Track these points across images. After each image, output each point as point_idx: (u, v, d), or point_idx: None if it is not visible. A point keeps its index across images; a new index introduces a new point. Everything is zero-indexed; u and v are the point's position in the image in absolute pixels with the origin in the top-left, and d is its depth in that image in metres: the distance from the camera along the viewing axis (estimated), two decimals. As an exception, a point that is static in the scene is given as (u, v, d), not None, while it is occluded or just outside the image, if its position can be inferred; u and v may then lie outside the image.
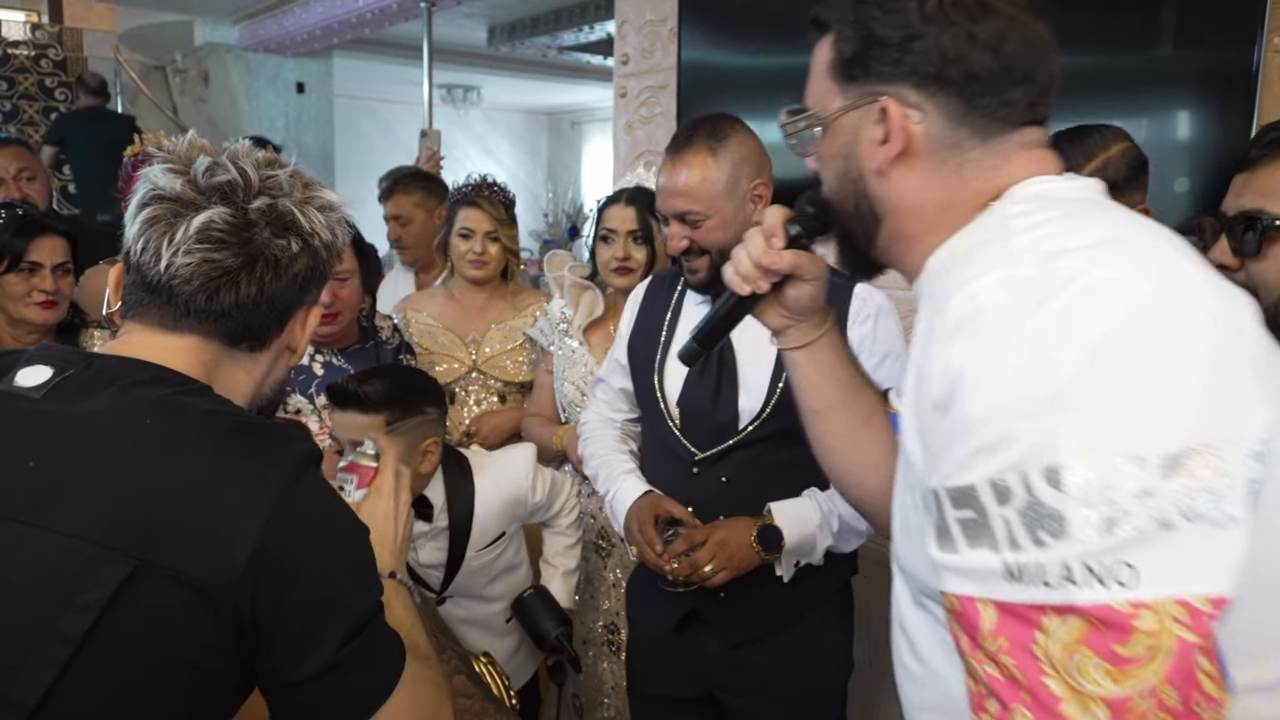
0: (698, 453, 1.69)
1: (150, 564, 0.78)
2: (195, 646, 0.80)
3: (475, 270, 2.50)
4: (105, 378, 0.86)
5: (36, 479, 0.80)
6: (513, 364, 2.52)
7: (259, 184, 0.93)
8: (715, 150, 1.61)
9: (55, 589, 0.76)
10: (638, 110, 3.17)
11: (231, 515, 0.81)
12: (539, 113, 11.84)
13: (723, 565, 1.57)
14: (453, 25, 6.78)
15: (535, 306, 2.59)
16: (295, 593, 0.83)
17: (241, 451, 0.84)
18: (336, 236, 0.99)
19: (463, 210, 2.49)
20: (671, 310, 1.79)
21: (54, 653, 0.75)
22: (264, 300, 0.93)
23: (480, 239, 2.48)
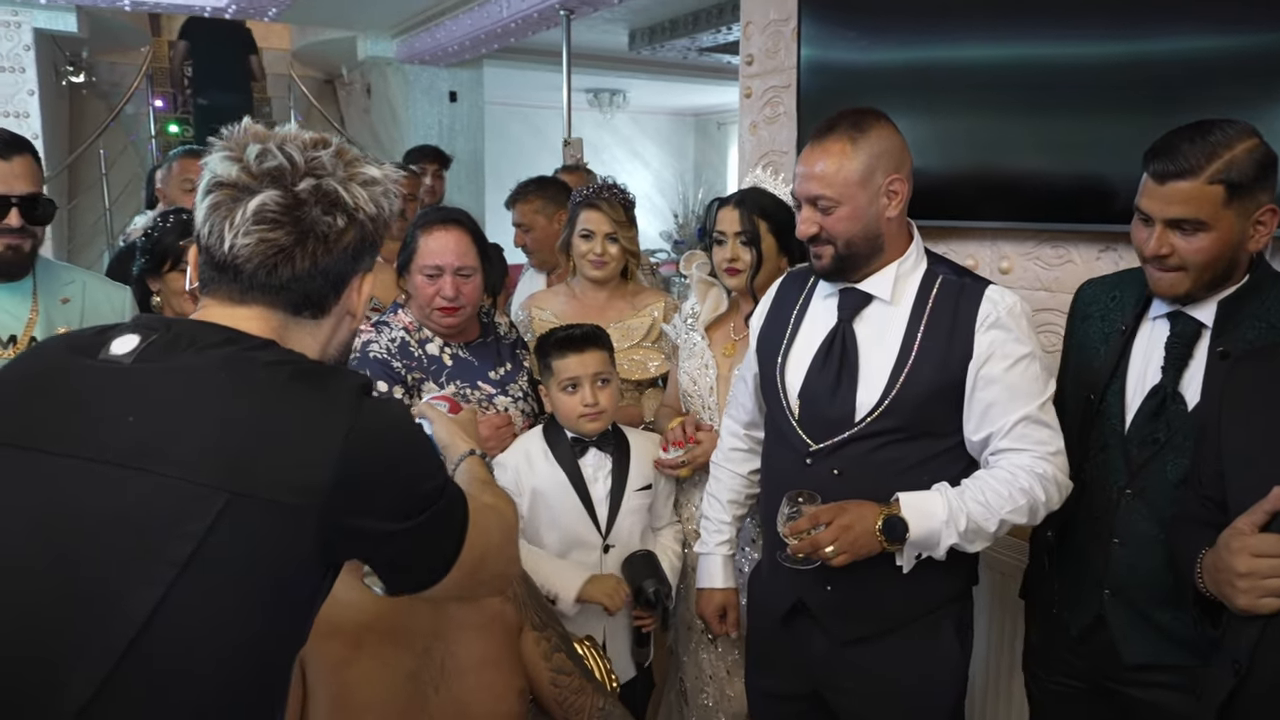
0: (812, 444, 1.72)
1: (242, 494, 0.91)
2: (288, 560, 0.95)
3: (595, 270, 2.60)
4: (184, 341, 1.00)
5: (135, 431, 0.94)
6: (630, 362, 2.60)
7: (305, 166, 1.03)
8: (855, 140, 1.65)
9: (162, 520, 0.90)
10: (762, 110, 3.18)
11: (308, 444, 0.95)
12: (685, 114, 11.92)
13: (844, 549, 1.59)
14: (595, 30, 6.94)
15: (654, 306, 2.67)
16: (377, 498, 0.98)
17: (306, 391, 0.98)
18: (382, 208, 1.09)
19: (584, 212, 2.59)
20: (800, 304, 1.84)
21: (162, 573, 0.89)
22: (319, 272, 1.04)
23: (600, 240, 2.58)
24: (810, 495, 1.64)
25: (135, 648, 0.89)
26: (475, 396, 2.20)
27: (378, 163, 1.11)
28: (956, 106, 2.34)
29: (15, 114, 6.31)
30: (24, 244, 1.84)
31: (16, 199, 1.81)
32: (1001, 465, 1.66)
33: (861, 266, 1.72)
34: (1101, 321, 1.77)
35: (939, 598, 1.75)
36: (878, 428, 1.68)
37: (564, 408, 2.05)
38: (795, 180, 1.73)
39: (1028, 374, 1.65)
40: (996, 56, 2.25)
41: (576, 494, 2.07)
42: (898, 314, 1.72)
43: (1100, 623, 1.70)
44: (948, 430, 1.70)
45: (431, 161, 4.23)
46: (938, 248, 2.41)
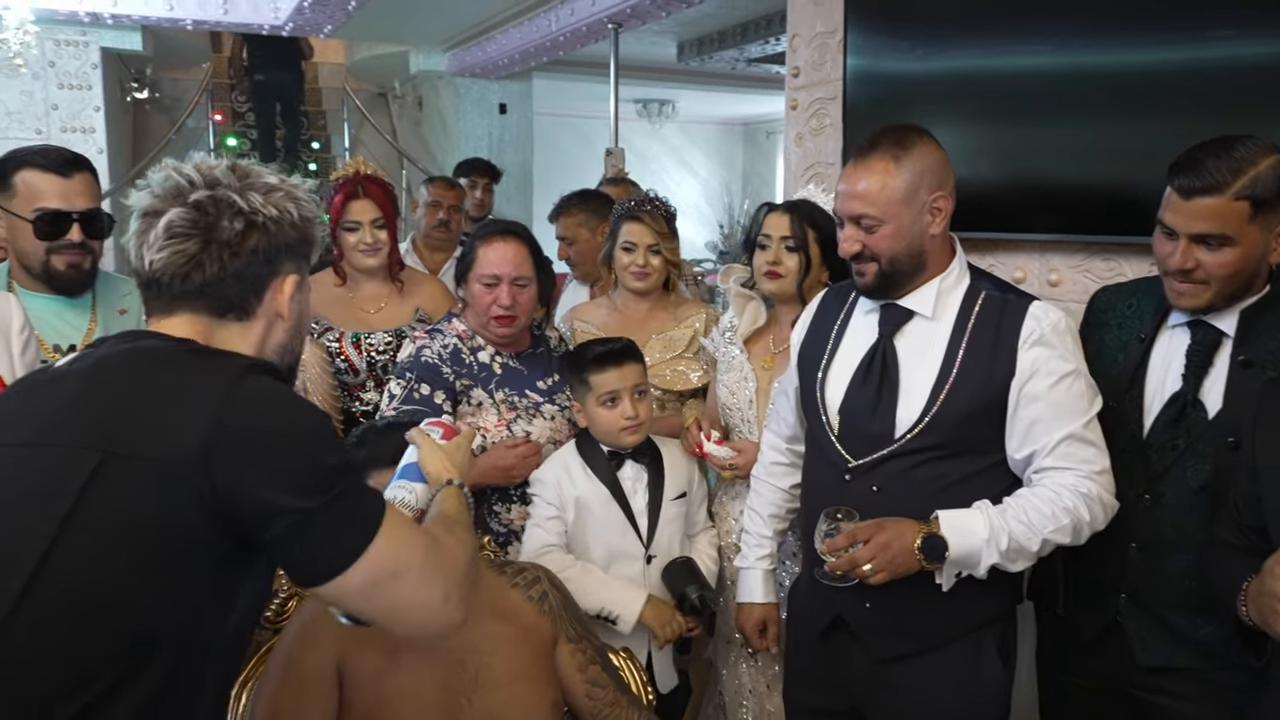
0: (851, 460, 1.71)
1: (116, 454, 0.99)
2: (169, 519, 0.99)
3: (638, 282, 2.61)
4: (111, 341, 1.12)
5: (47, 415, 1.05)
6: (672, 373, 2.60)
7: (201, 181, 1.13)
8: (899, 158, 1.64)
9: (49, 483, 0.99)
10: (808, 122, 3.17)
11: (185, 410, 1.01)
12: (734, 124, 11.91)
13: (882, 567, 1.57)
14: (643, 42, 6.97)
15: (695, 318, 2.66)
16: (250, 469, 1.01)
17: (194, 367, 1.07)
18: (286, 212, 1.17)
19: (625, 225, 2.60)
20: (840, 320, 1.84)
21: (45, 528, 0.97)
22: (230, 276, 1.13)
23: (643, 251, 2.59)
24: (849, 512, 1.63)
25: (27, 595, 0.95)
26: (523, 404, 2.23)
27: (279, 175, 1.19)
28: (1005, 115, 2.30)
29: (82, 129, 6.53)
30: (84, 260, 1.90)
31: (77, 215, 1.87)
32: (1045, 484, 1.63)
33: (905, 284, 1.71)
34: (1119, 329, 1.76)
35: (981, 616, 1.72)
36: (918, 444, 1.66)
37: (604, 422, 2.06)
38: (837, 198, 1.72)
39: (1071, 392, 1.63)
40: (1049, 64, 2.21)
41: (619, 506, 2.07)
42: (939, 330, 1.70)
43: (1116, 626, 1.70)
44: (989, 448, 1.68)
45: (481, 175, 4.28)
46: (985, 260, 2.39)
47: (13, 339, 1.60)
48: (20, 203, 1.84)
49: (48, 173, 1.84)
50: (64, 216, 1.85)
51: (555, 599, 1.72)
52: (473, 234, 2.33)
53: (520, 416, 2.21)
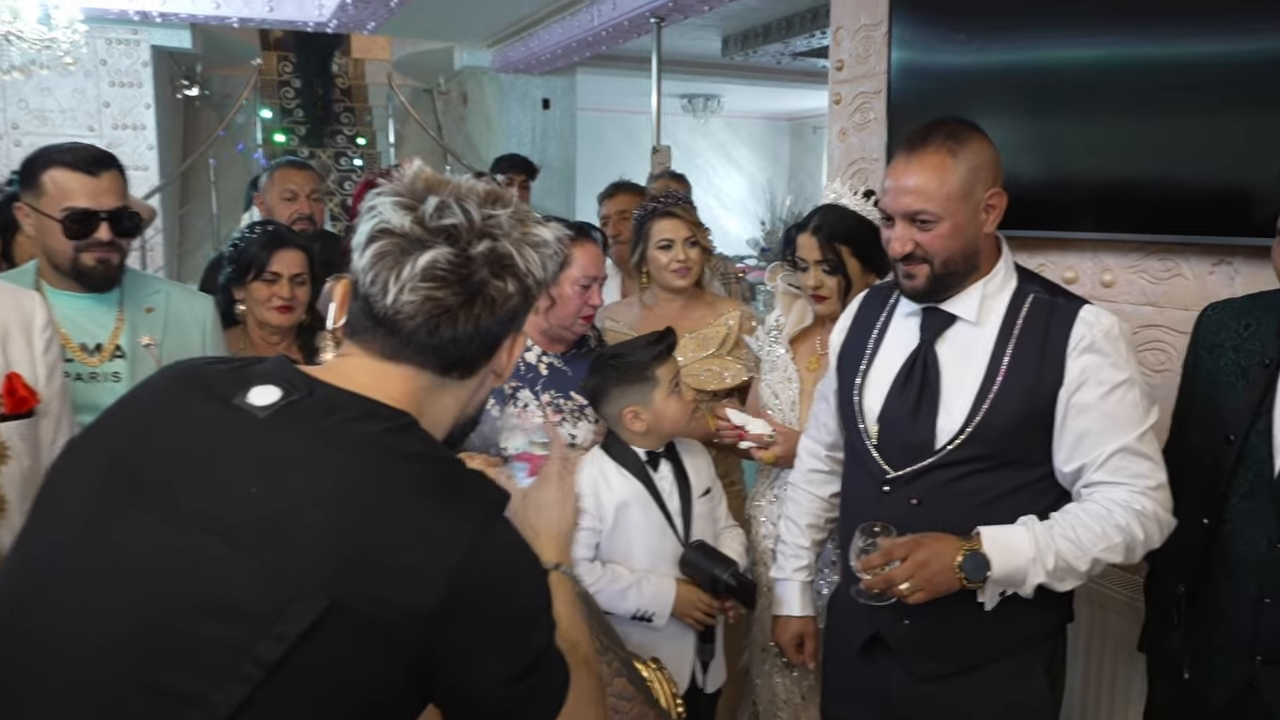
0: (890, 471, 1.64)
1: (343, 604, 0.83)
2: (376, 679, 0.86)
3: (680, 279, 2.55)
4: (324, 407, 0.93)
5: (254, 505, 0.86)
6: (705, 372, 2.55)
7: (481, 225, 0.97)
8: (955, 151, 1.56)
9: (259, 613, 0.83)
10: (851, 117, 3.09)
11: (424, 560, 0.86)
12: (780, 119, 11.80)
13: (920, 586, 1.50)
14: (687, 37, 6.91)
15: (729, 315, 2.61)
16: (478, 634, 0.88)
17: (437, 498, 0.90)
18: (548, 272, 1.03)
19: (658, 222, 2.55)
20: (880, 324, 1.76)
21: (250, 672, 0.81)
22: (479, 334, 0.98)
23: (681, 246, 2.53)
24: (885, 527, 1.56)
25: None
26: (568, 406, 2.19)
27: (546, 224, 1.04)
28: (1058, 108, 2.22)
29: (133, 126, 6.64)
30: (112, 257, 1.89)
31: (105, 214, 1.85)
32: (1095, 499, 1.55)
33: (954, 286, 1.63)
34: (1235, 353, 1.62)
35: (1027, 635, 1.65)
36: (959, 456, 1.58)
37: (677, 411, 2.01)
38: (885, 194, 1.63)
39: (1125, 402, 1.54)
40: (1104, 56, 2.12)
41: (657, 507, 2.02)
42: (983, 335, 1.62)
43: (1252, 692, 1.55)
44: (1036, 460, 1.60)
45: (518, 172, 4.25)
46: (1034, 260, 2.29)
47: (35, 337, 1.58)
48: (49, 202, 1.82)
49: (76, 171, 1.83)
50: (93, 215, 1.84)
51: (581, 610, 1.67)
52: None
53: (566, 419, 2.17)
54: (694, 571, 1.98)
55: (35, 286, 1.88)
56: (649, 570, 1.99)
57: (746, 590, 1.98)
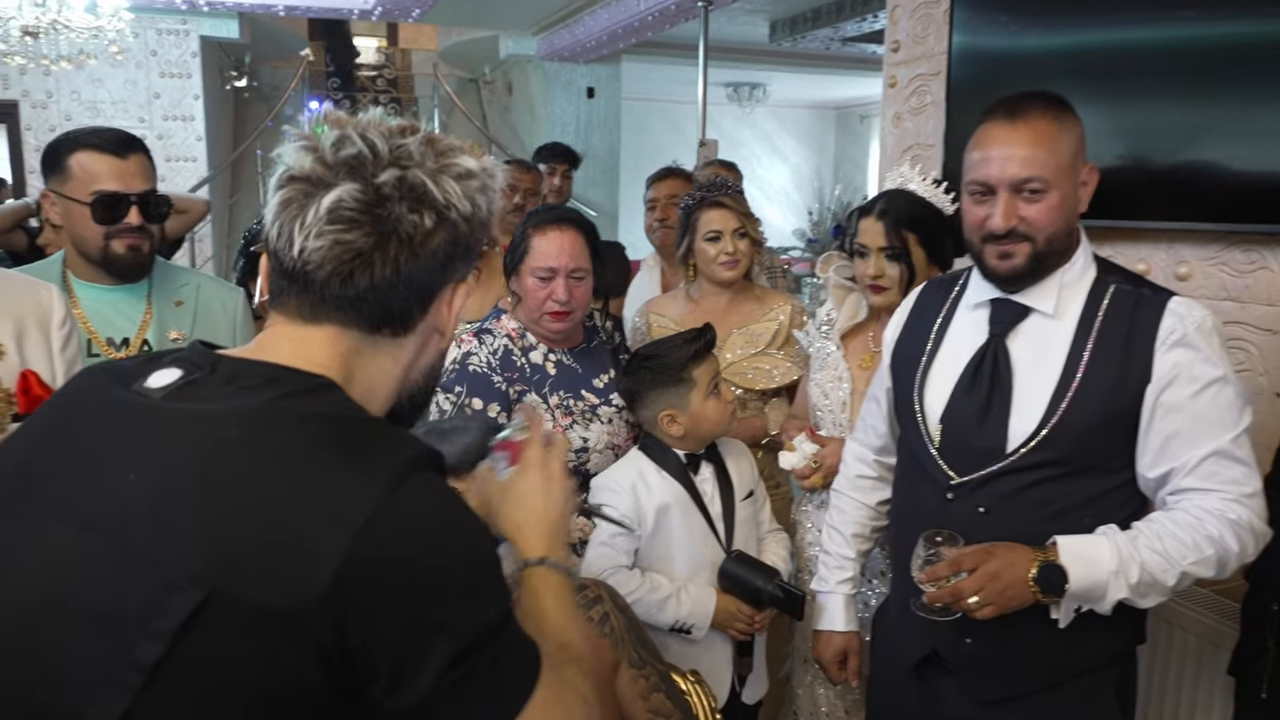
0: (955, 477, 1.52)
1: (223, 592, 0.73)
2: (277, 678, 0.75)
3: (728, 271, 2.44)
4: (222, 382, 0.84)
5: (131, 493, 0.78)
6: (753, 370, 2.44)
7: (389, 155, 0.86)
8: (1060, 119, 1.45)
9: (136, 612, 0.74)
10: (907, 101, 2.96)
11: (314, 532, 0.75)
12: (826, 108, 11.59)
13: (991, 600, 1.39)
14: (734, 23, 6.77)
15: (779, 310, 2.51)
16: (387, 615, 0.76)
17: (335, 461, 0.79)
18: (479, 206, 0.91)
19: (705, 213, 2.44)
20: (942, 318, 1.64)
21: (129, 679, 0.73)
22: (401, 281, 0.87)
23: (729, 238, 2.42)
24: (951, 536, 1.45)
25: None
26: (579, 407, 2.08)
27: (474, 154, 0.92)
28: (1131, 92, 2.10)
29: (182, 117, 6.69)
30: (143, 244, 1.83)
31: (135, 197, 1.79)
32: (1183, 508, 1.42)
33: (1050, 269, 1.51)
34: None
35: (1099, 656, 1.53)
36: (1033, 460, 1.46)
37: (716, 413, 1.92)
38: (984, 164, 1.48)
39: (1218, 401, 1.41)
40: (1181, 34, 2.01)
41: (699, 511, 1.93)
42: (1061, 329, 1.50)
43: None
44: (1116, 465, 1.48)
45: (560, 161, 4.17)
46: (1103, 250, 2.15)
47: (52, 334, 1.52)
48: (76, 186, 1.77)
49: (104, 154, 1.77)
50: (122, 199, 1.78)
51: (617, 621, 1.59)
52: (524, 222, 2.14)
53: (576, 422, 2.06)
54: (734, 584, 1.89)
55: (61, 279, 1.83)
56: (688, 579, 1.90)
57: (793, 601, 1.88)
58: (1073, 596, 1.41)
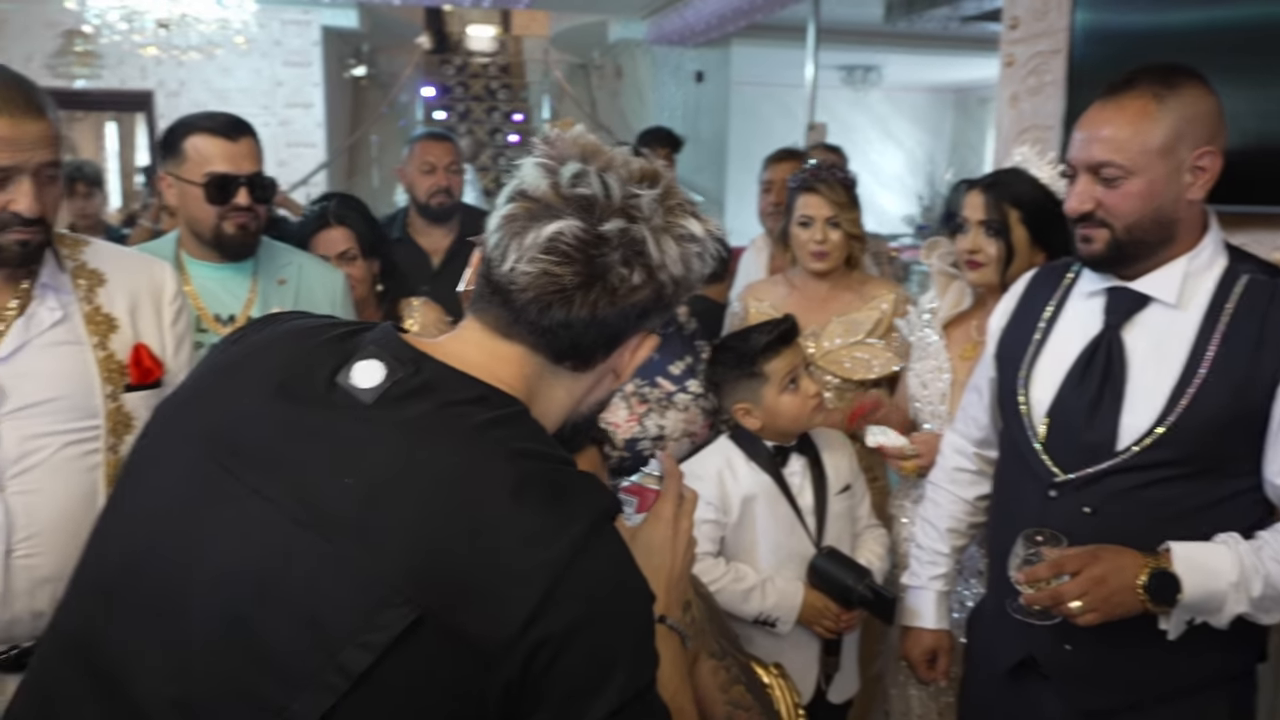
0: (1059, 474, 1.45)
1: (433, 615, 0.76)
2: (461, 696, 0.78)
3: (817, 262, 2.38)
4: (429, 389, 0.85)
5: (349, 500, 0.80)
6: (851, 360, 2.37)
7: (619, 202, 0.87)
8: (1162, 99, 1.35)
9: (346, 619, 0.77)
10: (1025, 80, 2.83)
11: (520, 569, 0.78)
12: (944, 90, 11.18)
13: (1094, 606, 1.31)
14: (847, 4, 6.59)
15: (882, 299, 2.42)
16: (570, 655, 0.79)
17: (540, 502, 0.81)
18: (690, 271, 0.91)
19: (801, 197, 2.38)
20: (1053, 306, 1.55)
21: (334, 681, 0.76)
22: (594, 323, 0.88)
23: (820, 226, 2.36)
24: (1053, 536, 1.38)
25: None
26: (654, 395, 2.06)
27: (702, 217, 0.93)
28: (1269, 70, 1.94)
29: (303, 104, 6.95)
30: (251, 223, 1.90)
31: (244, 178, 1.86)
32: None
33: (1142, 258, 1.42)
34: None
35: (1213, 673, 1.43)
36: (1148, 459, 1.37)
37: (792, 409, 1.86)
38: (1072, 145, 1.43)
39: None
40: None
41: (787, 503, 1.88)
42: (1184, 321, 1.40)
43: None
44: (1241, 469, 1.38)
45: (662, 145, 4.14)
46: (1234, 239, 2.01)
47: (164, 307, 1.57)
48: (191, 168, 1.85)
49: (216, 137, 1.85)
50: (232, 180, 1.85)
51: (699, 610, 1.56)
52: None
53: (653, 410, 2.04)
54: (824, 581, 1.84)
55: (175, 257, 1.91)
56: (774, 572, 1.86)
57: (884, 604, 1.81)
58: (1186, 608, 1.32)
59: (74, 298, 1.47)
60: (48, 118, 1.35)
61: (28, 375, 1.40)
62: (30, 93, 1.34)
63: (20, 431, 1.37)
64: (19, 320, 1.41)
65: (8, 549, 1.35)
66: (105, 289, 1.50)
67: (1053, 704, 1.50)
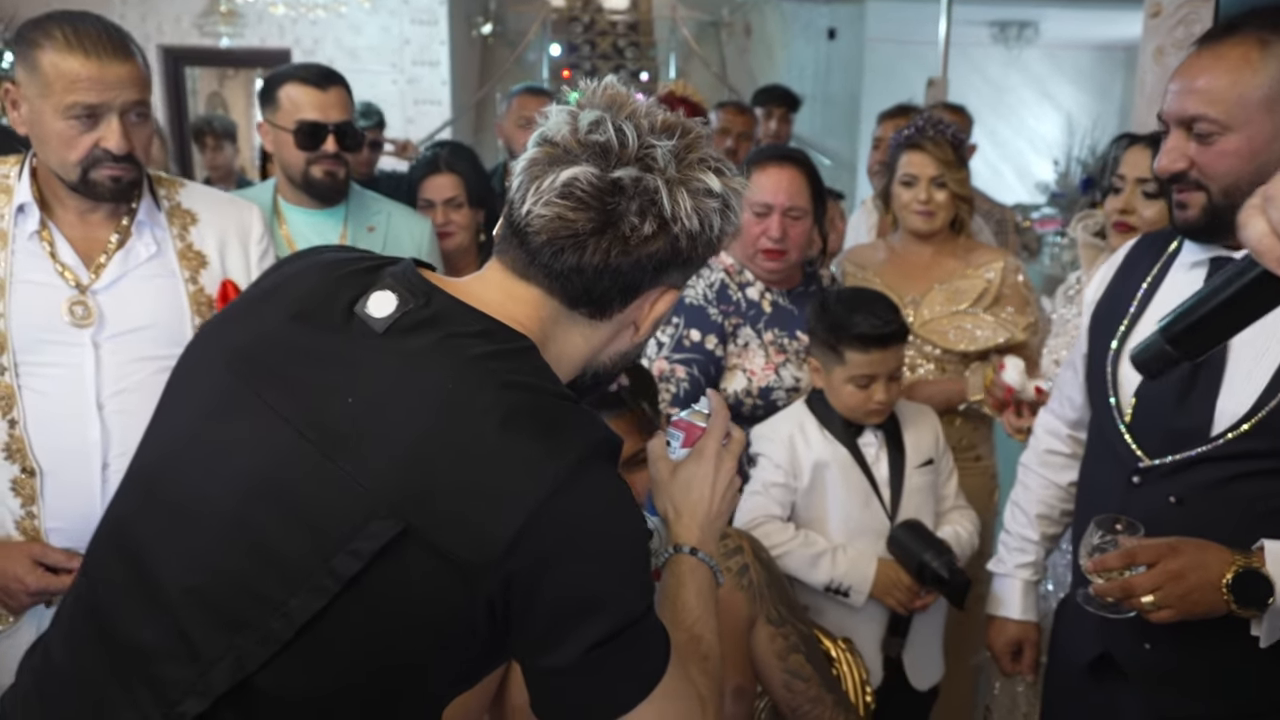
0: (1145, 459, 1.33)
1: (416, 530, 0.81)
2: (445, 611, 0.84)
3: (921, 222, 2.28)
4: (436, 320, 0.89)
5: (349, 417, 0.85)
6: (955, 330, 2.26)
7: (635, 151, 0.88)
8: (1267, 45, 1.21)
9: (339, 528, 0.82)
10: (1171, 32, 2.61)
11: (502, 495, 0.82)
12: (1113, 49, 10.39)
13: (1170, 603, 1.21)
14: (994, -46, 6.21)
15: (990, 266, 2.30)
16: (551, 585, 0.83)
17: (530, 431, 0.84)
18: (709, 226, 0.91)
19: (905, 154, 2.27)
20: (1152, 277, 1.43)
21: (326, 584, 0.82)
22: (607, 271, 0.90)
23: (925, 185, 2.25)
24: (1130, 524, 1.28)
25: (289, 650, 0.83)
26: (792, 347, 2.06)
27: (727, 171, 0.93)
28: None
29: (429, 63, 7.07)
30: (339, 170, 1.98)
31: (332, 126, 1.94)
32: None
33: None
34: None
35: None
36: (1243, 448, 1.24)
37: (850, 400, 1.79)
38: (1165, 98, 1.30)
39: None
40: None
41: (862, 474, 1.81)
42: None
43: None
44: None
45: (778, 104, 4.02)
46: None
47: (251, 247, 1.67)
48: (284, 116, 1.94)
49: (307, 86, 1.93)
50: (320, 128, 1.93)
51: (757, 574, 1.52)
52: (746, 159, 2.17)
53: (789, 361, 2.04)
54: (901, 552, 1.76)
55: (272, 202, 2.02)
56: (844, 544, 1.79)
57: (957, 585, 1.72)
58: (1278, 613, 1.19)
59: (169, 234, 1.58)
60: (135, 60, 1.44)
61: (126, 303, 1.52)
62: (117, 37, 1.43)
63: (118, 355, 1.49)
64: (119, 253, 1.53)
65: (104, 463, 1.48)
66: (197, 228, 1.61)
67: (1132, 706, 1.39)
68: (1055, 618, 1.65)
